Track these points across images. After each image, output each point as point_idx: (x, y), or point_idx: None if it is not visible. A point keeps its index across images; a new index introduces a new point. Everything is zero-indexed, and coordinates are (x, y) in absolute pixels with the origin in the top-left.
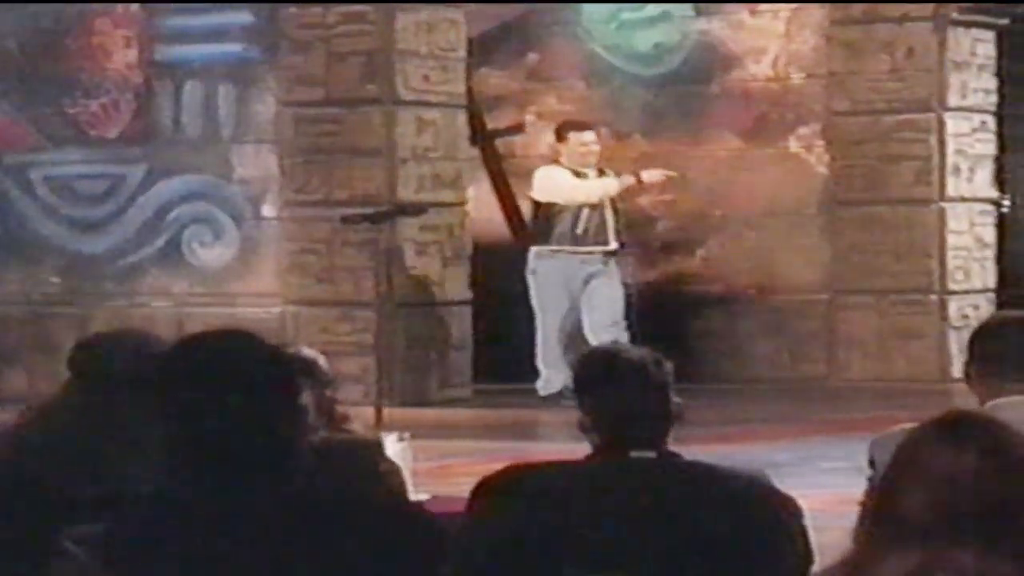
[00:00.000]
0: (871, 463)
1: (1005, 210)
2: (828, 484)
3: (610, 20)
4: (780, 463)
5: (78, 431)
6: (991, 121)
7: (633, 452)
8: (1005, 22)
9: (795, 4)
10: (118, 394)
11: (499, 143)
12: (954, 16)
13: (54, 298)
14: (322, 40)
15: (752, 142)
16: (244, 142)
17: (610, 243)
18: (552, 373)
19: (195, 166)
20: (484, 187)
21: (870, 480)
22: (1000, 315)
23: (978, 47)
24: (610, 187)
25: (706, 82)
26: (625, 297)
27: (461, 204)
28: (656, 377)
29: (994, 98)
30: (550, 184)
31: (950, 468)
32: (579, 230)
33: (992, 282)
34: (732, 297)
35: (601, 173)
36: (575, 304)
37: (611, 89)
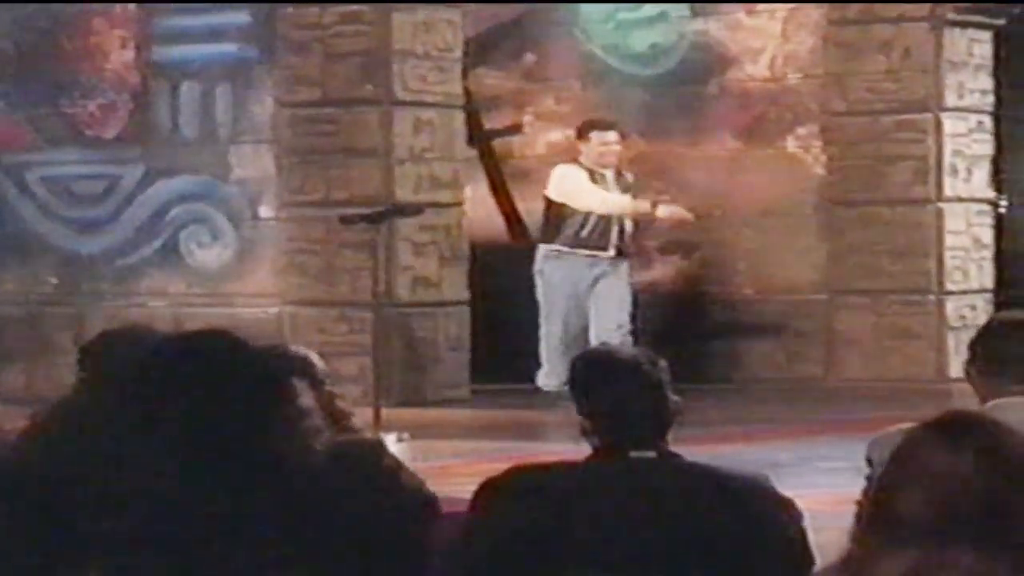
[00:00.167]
0: (869, 463)
1: (1002, 210)
2: (826, 484)
3: (607, 20)
4: (778, 463)
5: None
6: (988, 121)
7: (633, 452)
8: (1002, 22)
9: (792, 4)
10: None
11: (496, 143)
12: (951, 16)
13: (51, 298)
14: (319, 40)
15: (749, 142)
16: (241, 142)
17: (609, 250)
18: (553, 369)
19: (192, 166)
20: (481, 187)
21: (868, 479)
22: (1003, 316)
23: (975, 47)
24: (624, 207)
25: (703, 82)
26: (631, 299)
27: (458, 204)
28: (652, 376)
29: (991, 98)
30: (567, 186)
31: (948, 468)
32: (584, 233)
33: (989, 282)
34: (729, 297)
35: (619, 175)
36: (581, 304)
37: (608, 89)
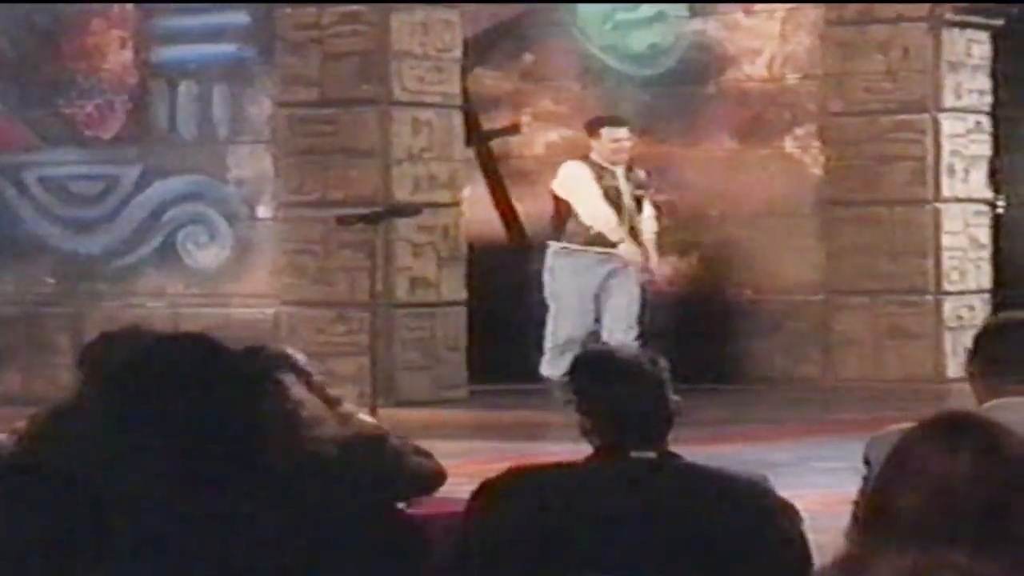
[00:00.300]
0: (866, 462)
1: (1000, 211)
2: (824, 484)
3: (605, 21)
4: (776, 463)
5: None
6: (986, 122)
7: (633, 452)
8: (1000, 23)
9: (790, 5)
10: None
11: (494, 144)
12: (949, 17)
13: (49, 298)
14: (317, 41)
15: (747, 143)
16: (239, 143)
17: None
18: (555, 362)
19: (190, 167)
20: (479, 188)
21: (865, 479)
22: (1004, 316)
23: (973, 48)
24: (617, 241)
25: (702, 83)
26: (640, 299)
27: (456, 205)
28: (652, 375)
29: (989, 99)
30: (573, 186)
31: (945, 468)
32: (594, 231)
33: (987, 283)
34: (728, 297)
35: (630, 170)
36: (589, 303)
37: (606, 90)
